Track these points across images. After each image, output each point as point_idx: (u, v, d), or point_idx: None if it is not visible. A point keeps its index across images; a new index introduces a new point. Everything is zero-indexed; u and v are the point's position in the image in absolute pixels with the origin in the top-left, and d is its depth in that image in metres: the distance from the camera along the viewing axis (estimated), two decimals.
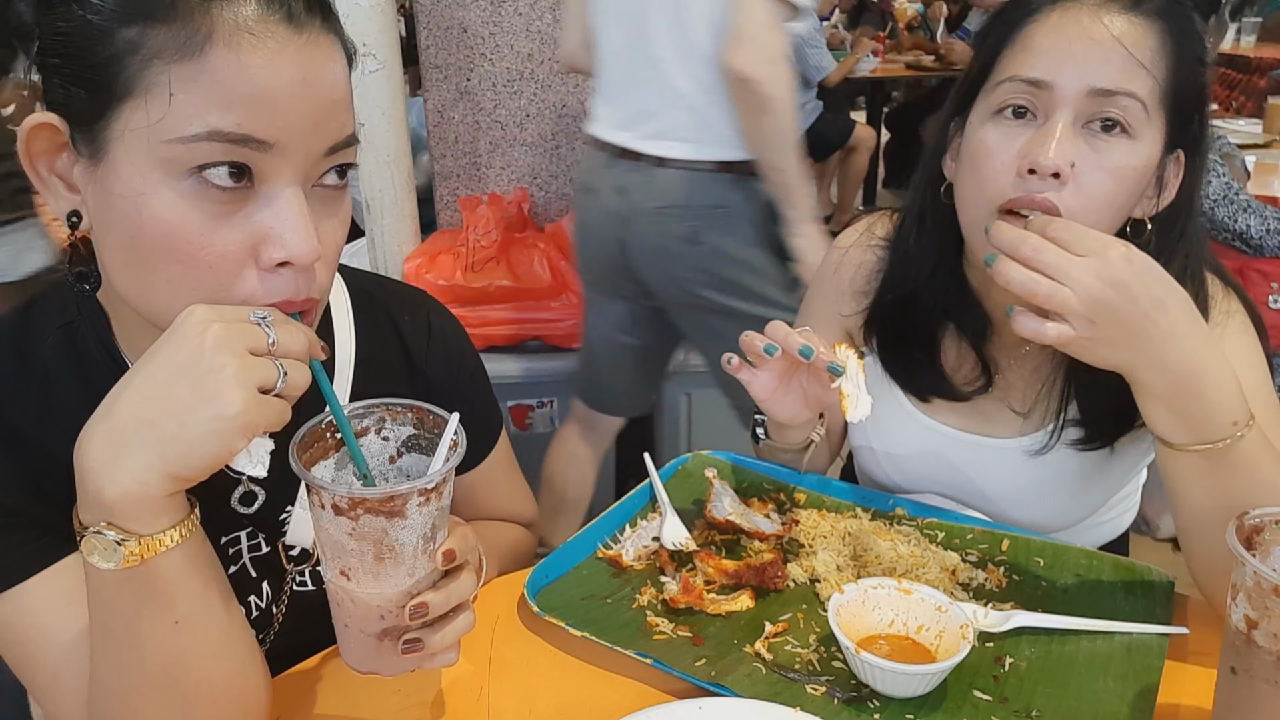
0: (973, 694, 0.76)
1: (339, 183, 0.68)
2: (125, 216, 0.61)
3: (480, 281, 2.02)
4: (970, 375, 1.03)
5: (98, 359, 0.74)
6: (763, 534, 0.96)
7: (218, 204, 0.61)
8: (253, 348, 0.57)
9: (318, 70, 0.63)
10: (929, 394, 1.05)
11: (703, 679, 0.77)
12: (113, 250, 0.64)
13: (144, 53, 0.58)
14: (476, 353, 1.01)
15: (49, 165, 0.64)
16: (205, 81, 0.59)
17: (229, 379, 0.55)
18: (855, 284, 1.09)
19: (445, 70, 2.21)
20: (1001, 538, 0.97)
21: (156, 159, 0.60)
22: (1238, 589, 0.64)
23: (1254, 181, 2.62)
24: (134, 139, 0.60)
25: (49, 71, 0.62)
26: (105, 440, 0.56)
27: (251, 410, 0.55)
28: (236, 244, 0.62)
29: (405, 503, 0.60)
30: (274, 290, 0.63)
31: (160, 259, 0.62)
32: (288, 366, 0.58)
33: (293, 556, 0.84)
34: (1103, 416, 0.96)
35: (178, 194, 0.60)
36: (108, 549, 0.57)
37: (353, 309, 0.89)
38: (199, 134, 0.59)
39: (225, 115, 0.59)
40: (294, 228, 0.62)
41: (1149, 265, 0.75)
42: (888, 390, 1.08)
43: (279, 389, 0.58)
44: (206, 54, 0.58)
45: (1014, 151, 0.85)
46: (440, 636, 0.66)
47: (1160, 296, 0.75)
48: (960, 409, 1.05)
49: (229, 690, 0.66)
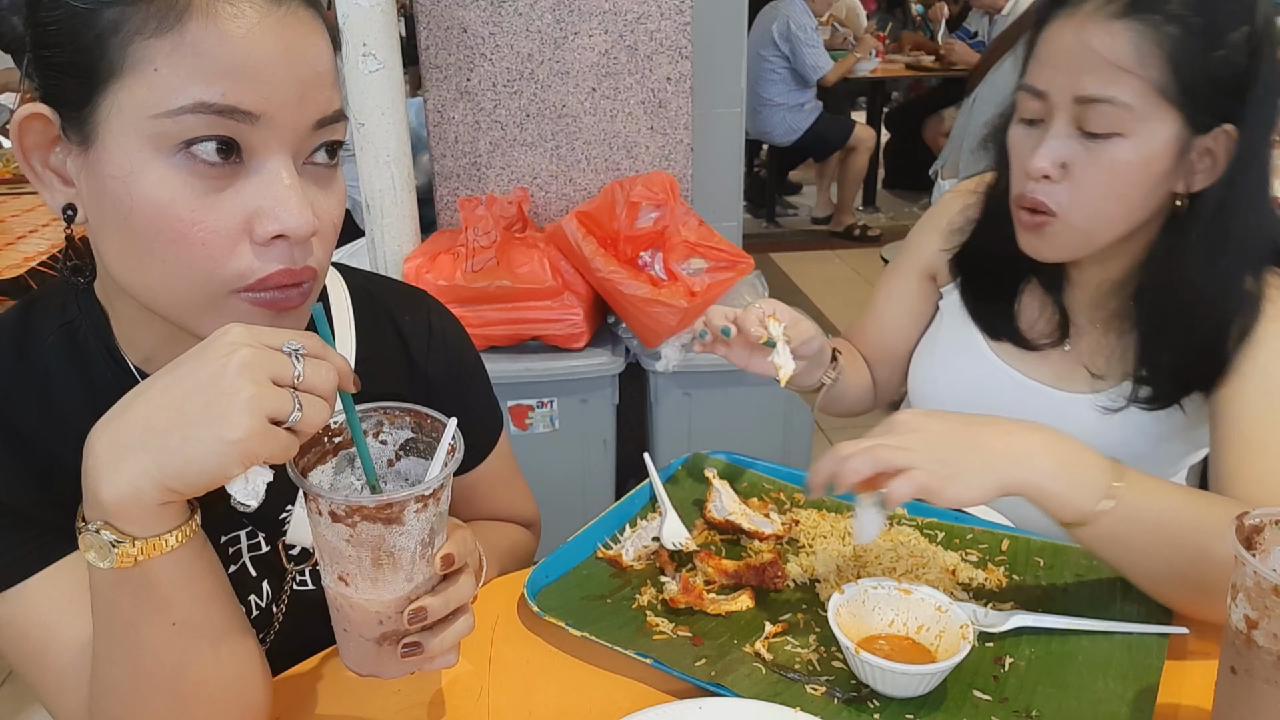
0: (973, 694, 0.76)
1: (330, 161, 0.68)
2: (117, 198, 0.61)
3: (480, 281, 2.01)
4: (1047, 328, 1.09)
5: (98, 358, 0.74)
6: (762, 534, 0.97)
7: (207, 179, 0.61)
8: (276, 377, 0.56)
9: (299, 41, 0.63)
10: (1003, 336, 1.11)
11: (703, 679, 0.77)
12: (108, 236, 0.64)
13: (125, 31, 0.59)
14: (477, 353, 1.01)
15: (43, 160, 0.65)
16: (186, 53, 0.59)
17: (241, 404, 0.54)
18: (954, 223, 1.16)
19: (445, 70, 2.21)
20: (1002, 538, 0.98)
21: (144, 136, 0.60)
22: (1238, 589, 0.64)
23: None
24: (121, 119, 0.60)
25: (38, 65, 0.62)
26: (110, 442, 0.56)
27: (255, 439, 0.54)
28: (229, 219, 0.62)
29: (403, 510, 0.60)
30: (270, 261, 0.64)
31: (153, 238, 0.62)
32: (306, 403, 0.57)
33: (293, 556, 0.84)
34: (1167, 374, 0.99)
35: (167, 170, 0.60)
36: (103, 548, 0.57)
37: (353, 309, 0.89)
38: (184, 106, 0.59)
39: (209, 87, 0.59)
40: (286, 200, 0.62)
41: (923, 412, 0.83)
42: (963, 328, 1.15)
43: (290, 423, 0.56)
44: (185, 25, 0.59)
45: (1026, 151, 0.95)
46: (440, 640, 0.66)
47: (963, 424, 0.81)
48: (1033, 360, 1.10)
49: (229, 691, 0.66)
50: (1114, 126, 0.88)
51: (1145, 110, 0.88)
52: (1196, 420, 1.02)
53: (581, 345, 2.11)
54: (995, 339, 1.12)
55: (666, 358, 2.10)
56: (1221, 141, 0.90)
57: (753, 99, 4.88)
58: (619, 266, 2.07)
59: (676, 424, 2.22)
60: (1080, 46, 0.88)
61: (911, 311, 1.23)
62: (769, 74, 4.92)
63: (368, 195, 2.10)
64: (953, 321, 1.17)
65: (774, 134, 5.13)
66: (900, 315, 1.23)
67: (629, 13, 2.21)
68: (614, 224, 2.12)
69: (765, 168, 5.86)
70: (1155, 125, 0.88)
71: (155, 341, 0.74)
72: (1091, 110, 0.89)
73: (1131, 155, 0.89)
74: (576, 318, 2.07)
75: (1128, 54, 0.87)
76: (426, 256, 2.10)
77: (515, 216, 2.20)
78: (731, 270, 2.12)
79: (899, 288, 1.23)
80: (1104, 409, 1.04)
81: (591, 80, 2.26)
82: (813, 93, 5.05)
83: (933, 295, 1.22)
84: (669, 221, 2.14)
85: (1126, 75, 0.87)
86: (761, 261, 2.04)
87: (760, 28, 4.89)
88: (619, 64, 2.25)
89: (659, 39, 2.23)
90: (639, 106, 2.29)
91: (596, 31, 2.22)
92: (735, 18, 2.36)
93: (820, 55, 4.90)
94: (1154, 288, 0.98)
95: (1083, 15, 0.89)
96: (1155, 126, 0.88)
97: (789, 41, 4.83)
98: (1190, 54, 0.86)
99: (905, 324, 1.23)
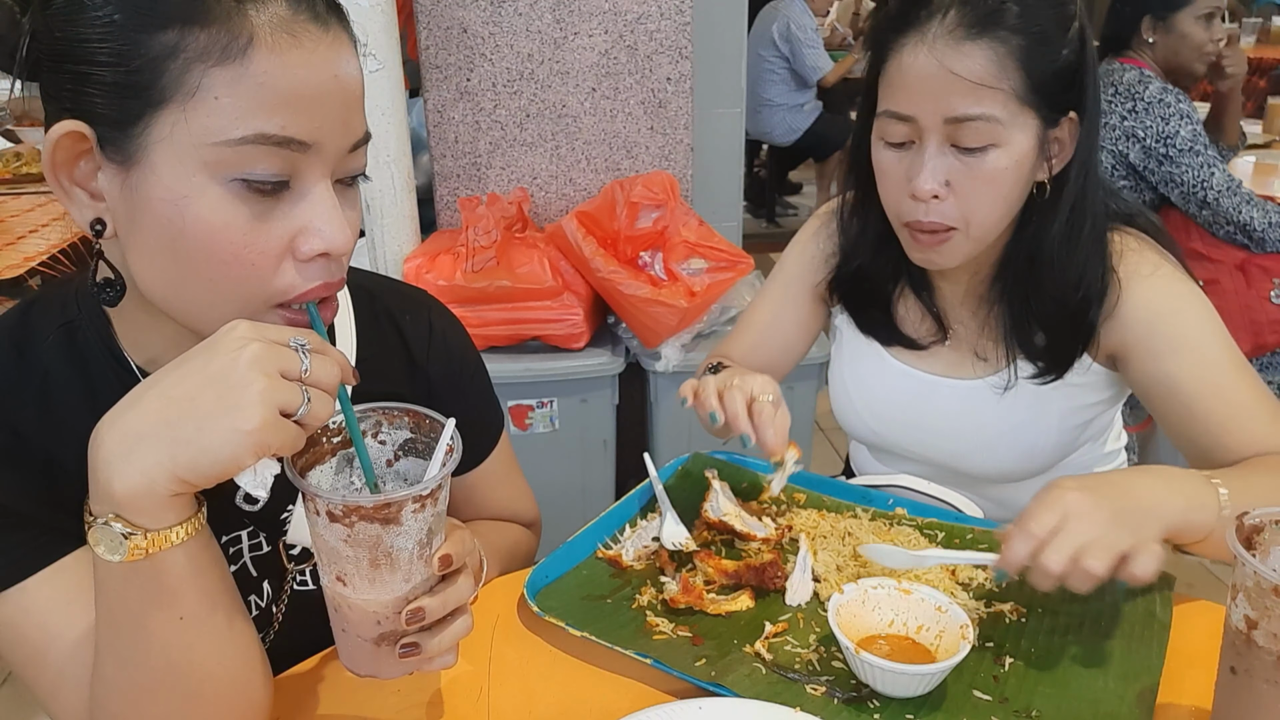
0: (973, 694, 0.76)
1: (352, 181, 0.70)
2: (166, 220, 0.62)
3: (480, 281, 2.01)
4: (929, 330, 1.16)
5: (99, 358, 0.74)
6: (754, 537, 0.96)
7: (259, 203, 0.62)
8: (285, 371, 0.57)
9: (345, 67, 0.65)
10: (893, 342, 1.18)
11: (703, 679, 0.77)
12: (148, 254, 0.64)
13: (184, 57, 0.59)
14: (477, 352, 1.01)
15: (69, 175, 0.64)
16: (249, 84, 0.60)
17: (254, 395, 0.55)
18: (824, 249, 1.23)
19: (445, 70, 2.21)
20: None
21: (201, 162, 0.60)
22: (1238, 589, 0.64)
23: (1254, 181, 2.63)
24: (176, 143, 0.60)
25: (67, 79, 0.61)
26: (121, 434, 0.57)
27: (268, 430, 0.56)
28: (277, 240, 0.64)
29: (400, 510, 0.60)
30: (311, 277, 0.66)
31: (204, 260, 0.63)
32: (313, 396, 0.58)
33: (293, 555, 0.84)
34: (1043, 351, 1.07)
35: (221, 195, 0.61)
36: (114, 541, 0.57)
37: (353, 308, 0.89)
38: (245, 137, 0.60)
39: (270, 118, 0.60)
40: (330, 221, 0.65)
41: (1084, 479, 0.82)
42: (861, 340, 1.21)
43: (298, 416, 0.58)
44: (250, 57, 0.59)
45: (902, 174, 0.99)
46: (438, 641, 0.66)
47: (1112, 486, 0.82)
48: (926, 357, 1.16)
49: (232, 687, 0.66)
50: (987, 139, 0.94)
51: (1011, 118, 0.94)
52: (1093, 386, 1.09)
53: (581, 345, 2.11)
54: (887, 345, 1.19)
55: (666, 358, 2.10)
56: (1067, 128, 0.99)
57: (753, 99, 4.88)
58: (619, 266, 2.07)
59: (676, 424, 2.22)
60: (940, 71, 0.93)
61: (803, 329, 1.28)
62: (769, 74, 4.92)
63: (368, 195, 2.10)
64: (852, 336, 1.23)
65: (774, 134, 5.13)
66: (791, 334, 1.28)
67: (629, 13, 2.20)
68: (614, 224, 2.12)
69: (765, 168, 5.86)
70: (1020, 130, 0.95)
71: (162, 343, 0.74)
72: (964, 128, 0.94)
73: (1006, 161, 0.95)
74: (576, 318, 2.07)
75: (988, 71, 0.92)
76: (426, 256, 2.10)
77: (515, 216, 2.20)
78: (731, 270, 2.12)
79: (789, 310, 1.27)
80: (998, 390, 1.11)
81: (591, 80, 2.26)
82: (813, 93, 5.05)
83: (823, 313, 1.28)
84: (669, 221, 2.14)
85: (991, 91, 0.92)
86: (761, 261, 2.03)
87: (760, 28, 4.89)
88: (619, 64, 2.25)
89: (659, 39, 2.23)
90: (639, 106, 2.29)
91: (596, 31, 2.22)
92: (735, 18, 2.36)
93: (820, 56, 4.90)
94: (1017, 272, 1.05)
95: (932, 39, 0.93)
96: (1020, 131, 0.95)
97: (789, 42, 4.83)
98: (1039, 58, 0.93)
99: (795, 341, 1.29)
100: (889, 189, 1.02)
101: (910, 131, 0.97)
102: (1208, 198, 2.14)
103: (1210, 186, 2.13)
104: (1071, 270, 1.01)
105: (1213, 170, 2.13)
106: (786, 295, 1.27)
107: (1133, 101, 2.14)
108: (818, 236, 1.24)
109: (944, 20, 0.93)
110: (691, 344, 2.13)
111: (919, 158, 0.97)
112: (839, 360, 1.27)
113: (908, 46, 0.95)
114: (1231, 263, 2.22)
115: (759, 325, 1.29)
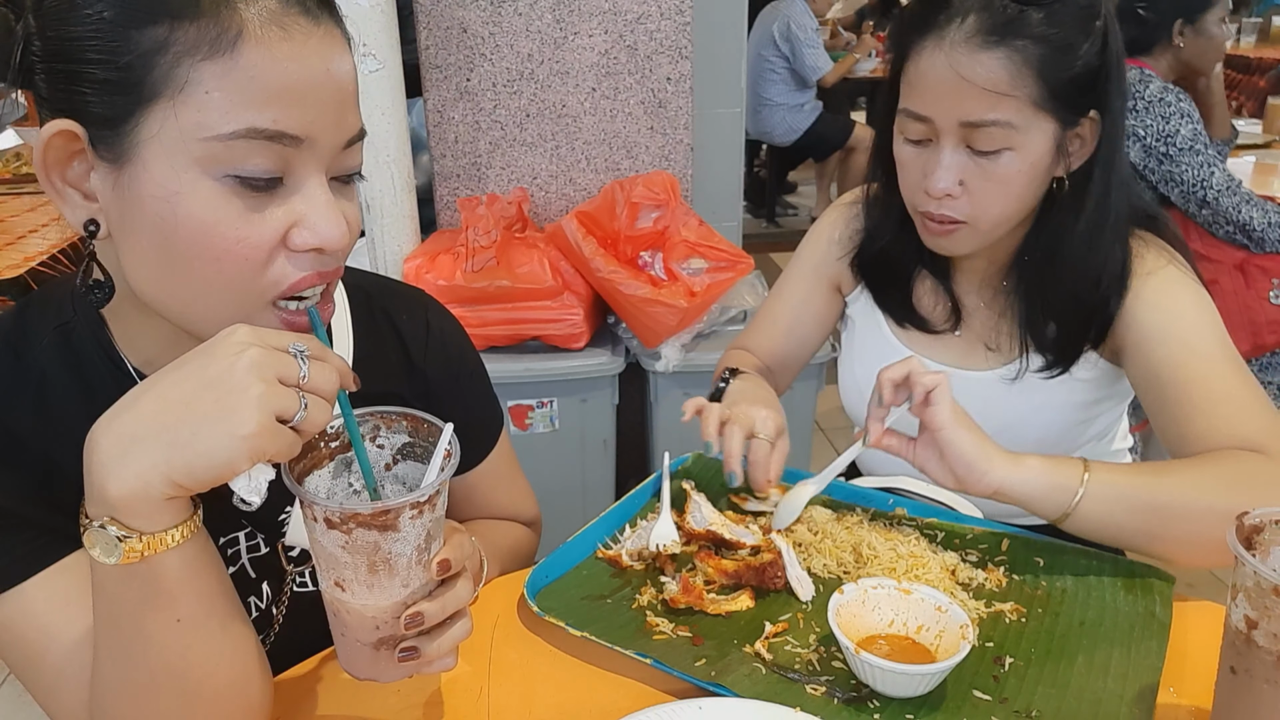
0: (973, 694, 0.76)
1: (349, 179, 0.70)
2: (159, 217, 0.61)
3: (480, 281, 2.01)
4: (944, 315, 1.18)
5: (94, 359, 0.74)
6: (743, 544, 0.95)
7: (251, 199, 0.62)
8: (283, 377, 0.57)
9: (337, 61, 0.64)
10: (906, 322, 1.21)
11: (703, 679, 0.77)
12: (140, 253, 0.64)
13: (174, 51, 0.58)
14: (476, 352, 1.01)
15: (62, 175, 0.63)
16: (239, 78, 0.59)
17: (251, 400, 0.55)
18: (843, 234, 1.25)
19: (445, 70, 2.21)
20: (1001, 537, 0.98)
21: (191, 158, 0.60)
22: (1238, 589, 0.64)
23: (1254, 181, 2.62)
24: (166, 139, 0.60)
25: (65, 79, 0.61)
26: (116, 436, 0.56)
27: (264, 435, 0.55)
28: (269, 234, 0.63)
29: (398, 516, 0.60)
30: (304, 267, 0.66)
31: (196, 256, 0.62)
32: (310, 402, 0.58)
33: (292, 557, 0.84)
34: (1052, 344, 1.09)
35: (213, 191, 0.61)
36: (109, 544, 0.57)
37: (351, 308, 0.89)
38: (236, 131, 0.59)
39: (261, 112, 0.60)
40: (325, 216, 0.64)
41: None
42: (876, 329, 1.24)
43: (295, 422, 0.57)
44: (240, 50, 0.59)
45: (919, 170, 1.02)
46: (437, 644, 0.66)
47: None
48: (937, 345, 1.19)
49: (231, 688, 0.66)
50: (1001, 143, 0.96)
51: (1026, 124, 0.95)
52: (1097, 383, 1.10)
53: (581, 345, 2.10)
54: (900, 325, 1.21)
55: (666, 358, 2.10)
56: (1088, 126, 1.00)
57: (753, 99, 4.88)
58: (619, 266, 2.07)
59: (676, 424, 2.21)
60: (955, 77, 0.94)
61: (820, 321, 1.31)
62: (769, 74, 4.92)
63: (368, 195, 2.10)
64: (864, 324, 1.26)
65: (774, 134, 5.13)
66: (809, 325, 1.31)
67: (629, 13, 2.20)
68: (614, 224, 2.12)
69: (765, 168, 5.86)
70: (1036, 133, 0.96)
71: (159, 345, 0.74)
72: (978, 132, 0.96)
73: (1020, 164, 0.97)
74: (576, 318, 2.07)
75: (1004, 79, 0.93)
76: (426, 256, 2.10)
77: (515, 216, 2.20)
78: (731, 270, 2.12)
79: (804, 300, 1.30)
80: (1007, 381, 1.12)
81: (591, 80, 2.26)
82: (813, 93, 5.05)
83: (838, 304, 1.30)
84: (669, 221, 2.14)
85: (1006, 99, 0.94)
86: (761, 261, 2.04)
87: (760, 28, 4.89)
88: (619, 64, 2.25)
89: (659, 39, 2.23)
90: (639, 106, 2.29)
91: (596, 31, 2.22)
92: (735, 18, 2.36)
93: (820, 56, 4.90)
94: (1037, 264, 1.07)
95: (949, 45, 0.94)
96: (1036, 134, 0.96)
97: (789, 42, 4.83)
98: (1057, 65, 0.94)
99: (813, 332, 1.32)
100: (907, 181, 1.05)
101: (927, 130, 0.99)
102: (1207, 197, 2.14)
103: (1210, 186, 2.13)
104: (1091, 266, 1.03)
105: (1213, 170, 2.13)
106: (804, 287, 1.30)
107: (1133, 100, 2.15)
108: (835, 226, 1.26)
109: (962, 25, 0.94)
110: (691, 344, 2.13)
111: (935, 157, 0.99)
112: (849, 349, 1.29)
113: (926, 49, 0.96)
114: (1231, 263, 2.22)
115: (777, 318, 1.32)
